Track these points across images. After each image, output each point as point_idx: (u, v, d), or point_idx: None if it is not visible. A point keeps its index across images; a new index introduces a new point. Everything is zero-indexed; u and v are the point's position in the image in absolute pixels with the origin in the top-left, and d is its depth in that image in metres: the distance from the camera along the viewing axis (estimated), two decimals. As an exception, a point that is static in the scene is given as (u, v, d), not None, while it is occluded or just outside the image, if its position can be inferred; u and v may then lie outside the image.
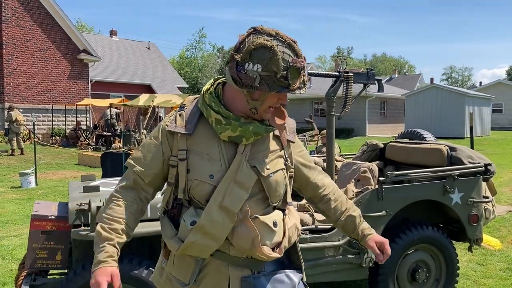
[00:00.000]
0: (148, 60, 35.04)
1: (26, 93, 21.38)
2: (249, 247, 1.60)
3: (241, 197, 1.60)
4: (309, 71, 4.55)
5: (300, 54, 1.56)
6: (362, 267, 3.50)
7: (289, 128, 1.77)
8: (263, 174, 1.63)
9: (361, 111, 27.95)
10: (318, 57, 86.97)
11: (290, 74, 1.52)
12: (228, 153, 1.64)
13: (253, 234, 1.60)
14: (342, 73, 4.20)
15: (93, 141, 19.45)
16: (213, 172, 1.62)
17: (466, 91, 29.24)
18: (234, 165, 1.62)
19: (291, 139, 1.77)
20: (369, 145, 5.07)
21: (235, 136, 1.62)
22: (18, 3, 20.98)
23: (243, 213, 1.60)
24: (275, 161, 1.69)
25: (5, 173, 12.45)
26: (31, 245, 3.09)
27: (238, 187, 1.60)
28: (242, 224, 1.60)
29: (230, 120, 1.61)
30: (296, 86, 1.54)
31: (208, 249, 1.61)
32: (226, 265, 1.64)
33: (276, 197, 1.68)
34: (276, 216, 1.68)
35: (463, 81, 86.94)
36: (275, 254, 1.65)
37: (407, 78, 59.90)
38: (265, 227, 1.63)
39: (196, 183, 1.61)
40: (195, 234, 1.59)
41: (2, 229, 6.66)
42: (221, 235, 1.59)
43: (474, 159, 4.01)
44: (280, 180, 1.69)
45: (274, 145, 1.72)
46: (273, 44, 1.51)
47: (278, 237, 1.67)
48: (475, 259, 5.12)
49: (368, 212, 3.48)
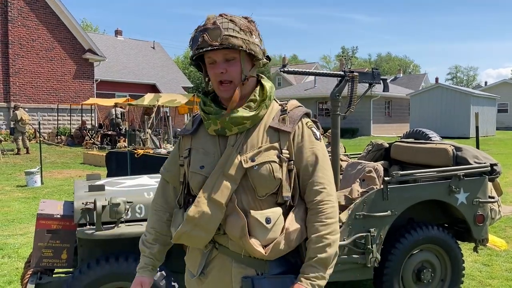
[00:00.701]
0: (153, 59, 35.09)
1: (32, 92, 21.48)
2: (240, 235, 1.59)
3: (228, 188, 1.61)
4: (315, 71, 4.55)
5: (206, 21, 1.63)
6: (367, 267, 3.49)
7: (290, 117, 1.69)
8: (244, 166, 1.61)
9: (365, 111, 27.87)
10: (323, 57, 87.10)
11: (193, 40, 1.65)
12: (222, 146, 1.69)
13: (242, 222, 1.59)
14: (347, 72, 4.19)
15: (98, 140, 19.51)
16: (204, 164, 1.68)
17: (472, 91, 29.12)
18: (224, 157, 1.65)
19: (286, 129, 1.66)
20: (374, 145, 5.06)
21: (219, 129, 1.68)
22: (24, 3, 21.08)
23: (232, 202, 1.62)
24: (266, 152, 1.63)
25: (11, 172, 12.51)
26: (37, 244, 3.10)
27: (226, 178, 1.62)
28: (233, 213, 1.62)
29: (209, 115, 1.68)
30: (195, 48, 1.62)
31: (200, 240, 1.64)
32: (230, 260, 1.65)
33: (262, 190, 1.62)
34: (272, 213, 1.62)
35: (468, 80, 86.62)
36: (260, 250, 1.58)
37: (412, 77, 59.72)
38: (256, 222, 1.59)
39: (191, 175, 1.71)
40: (186, 225, 1.64)
41: (8, 228, 6.70)
42: (210, 226, 1.61)
43: (480, 159, 3.99)
44: (266, 173, 1.61)
45: (269, 137, 1.66)
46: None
47: (273, 234, 1.60)
48: (480, 260, 5.10)
49: (373, 212, 3.48)
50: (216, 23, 1.60)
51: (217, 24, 1.60)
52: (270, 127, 1.68)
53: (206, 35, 1.59)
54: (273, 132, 1.68)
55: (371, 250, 3.46)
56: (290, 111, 1.73)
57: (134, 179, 3.84)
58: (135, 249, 3.18)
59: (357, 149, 15.79)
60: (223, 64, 1.62)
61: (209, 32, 1.59)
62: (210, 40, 1.58)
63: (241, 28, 1.61)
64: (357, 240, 3.44)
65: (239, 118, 1.64)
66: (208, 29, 1.60)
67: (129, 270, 2.94)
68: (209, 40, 1.58)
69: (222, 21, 1.61)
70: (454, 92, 26.75)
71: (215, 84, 1.67)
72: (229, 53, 1.62)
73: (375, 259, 3.48)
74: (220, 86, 1.65)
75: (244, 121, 1.65)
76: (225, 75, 1.62)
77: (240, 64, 1.64)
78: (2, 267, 4.96)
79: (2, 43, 20.47)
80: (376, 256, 3.48)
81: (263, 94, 1.71)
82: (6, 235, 6.26)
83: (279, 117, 1.70)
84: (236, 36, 1.59)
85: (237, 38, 1.59)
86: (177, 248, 3.21)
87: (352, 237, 3.42)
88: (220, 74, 1.62)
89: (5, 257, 5.30)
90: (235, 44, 1.59)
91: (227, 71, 1.62)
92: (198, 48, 1.61)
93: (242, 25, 1.62)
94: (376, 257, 3.48)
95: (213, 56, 1.63)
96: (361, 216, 3.44)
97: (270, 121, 1.69)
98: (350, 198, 3.73)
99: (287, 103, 1.77)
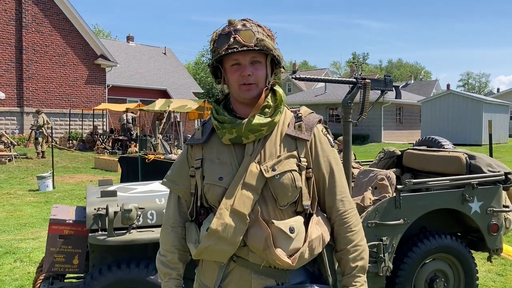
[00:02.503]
0: (164, 65, 35.32)
1: (45, 97, 21.71)
2: (263, 247, 1.56)
3: (250, 198, 1.58)
4: (326, 78, 4.54)
5: (234, 22, 1.60)
6: (379, 276, 3.46)
7: (306, 124, 1.68)
8: (265, 175, 1.59)
9: (376, 117, 27.75)
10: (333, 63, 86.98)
11: (218, 41, 1.61)
12: (238, 156, 1.65)
13: (265, 233, 1.56)
14: (359, 79, 4.18)
15: (109, 145, 19.64)
16: (223, 175, 1.63)
17: (483, 97, 28.83)
18: (242, 167, 1.61)
19: (304, 137, 1.65)
20: (386, 152, 5.03)
21: (234, 138, 1.63)
22: (38, 9, 21.36)
23: (254, 213, 1.58)
24: (286, 161, 1.61)
25: (23, 176, 12.63)
26: (49, 249, 3.11)
27: (247, 189, 1.58)
28: (255, 224, 1.58)
29: (223, 124, 1.64)
30: (224, 48, 1.57)
31: (223, 253, 1.60)
32: (249, 272, 1.62)
33: (284, 200, 1.60)
34: (294, 222, 1.61)
35: (480, 87, 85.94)
36: (287, 261, 1.57)
37: (423, 84, 59.41)
38: (280, 232, 1.58)
39: (207, 187, 1.65)
40: (209, 239, 1.58)
41: (20, 232, 6.75)
42: (234, 239, 1.57)
43: (494, 167, 3.94)
44: (288, 182, 1.59)
45: (286, 145, 1.65)
46: (218, 28, 1.64)
47: (297, 244, 1.60)
48: (494, 269, 5.03)
49: (386, 220, 3.45)
50: (246, 25, 1.59)
51: (248, 26, 1.59)
52: (287, 135, 1.66)
53: (238, 36, 1.56)
54: (291, 140, 1.66)
55: (383, 259, 3.42)
56: (305, 117, 1.71)
57: (145, 185, 3.85)
58: (147, 255, 3.20)
59: (368, 156, 15.70)
60: (250, 67, 1.60)
61: (240, 33, 1.57)
62: (243, 41, 1.56)
63: (268, 34, 1.62)
64: (369, 249, 3.40)
65: (256, 125, 1.61)
66: (240, 30, 1.57)
67: (140, 276, 2.95)
68: (243, 40, 1.56)
69: (251, 24, 1.60)
70: (466, 99, 26.52)
71: (236, 86, 1.62)
72: (257, 56, 1.61)
73: (387, 268, 3.45)
74: (242, 87, 1.61)
75: (261, 128, 1.62)
76: (251, 78, 1.60)
77: (266, 68, 1.64)
78: (14, 271, 4.99)
79: (16, 48, 20.75)
80: (388, 265, 3.45)
81: (276, 99, 1.69)
82: (18, 239, 6.31)
83: (294, 124, 1.68)
84: (266, 40, 1.59)
85: (268, 42, 1.59)
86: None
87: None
88: (247, 76, 1.59)
89: (17, 261, 5.33)
90: (269, 47, 1.59)
91: (253, 74, 1.60)
92: (229, 48, 1.56)
93: (267, 32, 1.63)
94: (388, 266, 3.45)
95: (240, 58, 1.59)
96: (373, 225, 3.41)
97: (286, 128, 1.67)
98: (362, 206, 3.70)
99: (299, 109, 1.75)
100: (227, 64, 1.63)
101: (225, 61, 1.63)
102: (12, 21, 20.60)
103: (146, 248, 3.23)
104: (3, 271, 4.99)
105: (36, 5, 21.26)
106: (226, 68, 1.64)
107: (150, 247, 3.20)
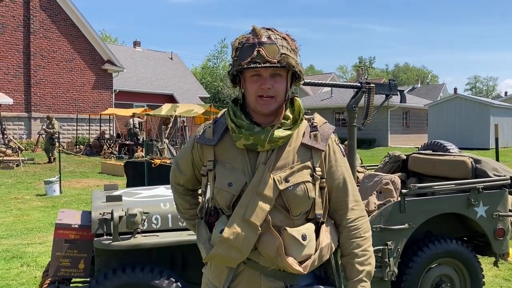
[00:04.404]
0: (170, 70, 35.47)
1: (52, 102, 21.87)
2: (274, 255, 1.58)
3: (263, 209, 1.58)
4: (332, 82, 4.54)
5: (260, 33, 1.58)
6: (384, 280, 3.45)
7: (321, 134, 1.68)
8: (279, 187, 1.60)
9: (383, 121, 27.68)
10: (339, 67, 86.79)
11: (241, 51, 1.59)
12: (252, 162, 1.65)
13: (277, 242, 1.57)
14: (364, 84, 4.18)
15: (116, 150, 19.73)
16: (232, 181, 1.63)
17: (491, 101, 28.68)
18: (257, 176, 1.61)
19: (320, 147, 1.66)
20: (392, 156, 5.02)
21: (250, 144, 1.63)
22: (46, 15, 21.57)
23: (266, 223, 1.59)
24: (299, 173, 1.62)
25: (30, 180, 12.72)
26: (55, 253, 3.13)
27: (261, 199, 1.58)
28: (267, 232, 1.59)
29: (241, 129, 1.63)
30: (246, 61, 1.56)
31: (234, 260, 1.61)
32: (259, 274, 1.63)
33: (297, 210, 1.62)
34: (306, 230, 1.63)
35: (488, 91, 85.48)
36: (298, 268, 1.59)
37: (430, 88, 59.17)
38: (292, 239, 1.59)
39: (217, 190, 1.66)
40: (220, 246, 1.60)
41: (27, 236, 6.80)
42: (245, 248, 1.58)
43: (500, 171, 3.93)
44: (301, 194, 1.61)
45: (301, 154, 1.65)
46: (242, 35, 1.63)
47: (308, 251, 1.61)
48: (501, 274, 4.99)
49: (390, 224, 3.44)
50: (271, 38, 1.58)
51: (273, 40, 1.57)
52: (302, 144, 1.67)
53: (262, 50, 1.55)
54: (306, 149, 1.66)
55: (388, 264, 3.42)
56: (320, 127, 1.71)
57: (150, 190, 3.87)
58: (151, 260, 3.22)
59: (374, 160, 15.65)
60: (270, 80, 1.60)
61: (265, 47, 1.55)
62: (267, 56, 1.54)
63: (292, 48, 1.62)
64: (374, 254, 3.39)
65: (276, 138, 1.61)
66: (264, 44, 1.56)
67: (145, 281, 2.96)
68: (266, 55, 1.54)
69: (276, 37, 1.59)
70: (473, 102, 26.38)
71: (253, 97, 1.62)
72: (279, 70, 1.60)
73: (392, 272, 3.44)
74: (260, 100, 1.61)
75: (279, 140, 1.62)
76: (270, 90, 1.60)
77: (286, 82, 1.64)
78: (21, 275, 5.02)
79: (24, 54, 20.95)
80: (393, 269, 3.44)
81: (294, 110, 1.69)
82: (25, 244, 6.35)
83: (310, 134, 1.68)
84: (290, 55, 1.59)
85: (291, 58, 1.59)
86: (193, 259, 3.24)
87: (369, 250, 3.37)
88: (267, 89, 1.59)
89: (24, 265, 5.37)
90: (292, 64, 1.58)
91: (273, 87, 1.60)
92: (251, 62, 1.55)
93: (292, 45, 1.63)
94: (393, 271, 3.44)
95: (261, 70, 1.59)
96: (378, 229, 3.41)
97: (301, 137, 1.68)
98: (367, 210, 3.70)
99: (313, 118, 1.75)
100: (247, 74, 1.63)
101: (245, 70, 1.62)
102: (20, 27, 20.81)
103: (151, 253, 3.24)
104: (10, 275, 5.02)
105: (43, 11, 21.47)
106: (246, 77, 1.64)
107: (154, 251, 3.22)
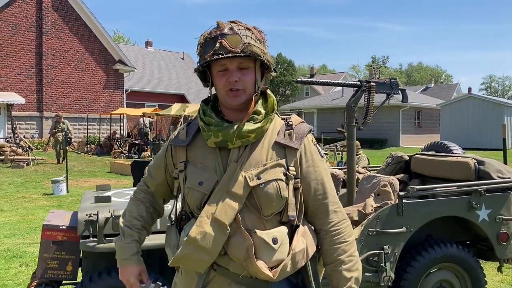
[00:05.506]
0: (182, 70, 35.59)
1: (63, 102, 22.07)
2: (244, 257, 1.50)
3: (233, 208, 1.51)
4: (330, 81, 4.44)
5: (222, 26, 1.54)
6: (381, 286, 3.34)
7: (296, 133, 1.62)
8: (250, 184, 1.52)
9: (395, 121, 27.39)
10: (352, 66, 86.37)
11: (204, 46, 1.55)
12: (223, 161, 1.59)
13: (247, 243, 1.49)
14: (364, 83, 4.08)
15: (126, 150, 19.81)
16: (204, 179, 1.58)
17: (505, 101, 28.18)
18: (227, 174, 1.55)
19: (294, 145, 1.59)
20: (394, 157, 4.90)
21: (220, 141, 1.57)
22: (58, 16, 21.76)
23: (236, 222, 1.52)
24: (272, 170, 1.55)
25: (39, 180, 12.80)
26: (42, 255, 3.09)
27: (231, 198, 1.52)
28: (237, 233, 1.52)
29: (209, 126, 1.58)
30: (209, 54, 1.52)
31: (201, 263, 1.53)
32: (230, 282, 1.56)
33: (268, 210, 1.54)
34: (278, 233, 1.54)
35: (504, 90, 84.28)
36: (268, 273, 1.50)
37: (444, 87, 58.47)
38: (262, 243, 1.51)
39: (187, 190, 1.61)
40: (187, 247, 1.52)
41: (30, 236, 6.80)
42: (213, 248, 1.51)
43: (504, 173, 3.79)
44: (273, 192, 1.53)
45: (274, 152, 1.59)
46: (206, 30, 1.58)
47: (280, 255, 1.53)
48: (507, 280, 4.84)
49: (387, 228, 3.33)
50: (233, 29, 1.53)
51: (235, 30, 1.52)
52: (276, 143, 1.60)
53: (224, 41, 1.50)
54: (279, 148, 1.60)
55: (384, 268, 3.30)
56: (295, 126, 1.65)
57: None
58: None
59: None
60: (237, 73, 1.55)
61: (227, 38, 1.51)
62: (229, 46, 1.50)
63: (257, 38, 1.56)
64: (369, 258, 3.29)
65: (245, 131, 1.55)
66: (226, 35, 1.51)
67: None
68: (229, 46, 1.50)
69: (239, 28, 1.54)
70: (486, 102, 25.95)
71: (223, 92, 1.57)
72: (244, 62, 1.55)
73: (388, 277, 3.33)
74: (229, 93, 1.56)
75: (249, 134, 1.56)
76: (238, 83, 1.54)
77: (255, 73, 1.59)
78: (19, 275, 5.01)
79: (36, 54, 21.16)
80: (390, 274, 3.33)
81: (267, 106, 1.63)
82: (27, 243, 6.35)
83: (284, 132, 1.62)
84: (255, 44, 1.53)
85: (256, 47, 1.53)
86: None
87: (365, 254, 3.27)
88: (234, 82, 1.54)
89: (23, 265, 5.35)
90: (256, 52, 1.52)
91: (240, 79, 1.55)
92: (214, 54, 1.51)
93: (257, 35, 1.57)
94: (390, 276, 3.33)
95: (227, 64, 1.54)
96: (374, 233, 3.30)
97: (275, 136, 1.61)
98: (363, 213, 3.59)
99: (290, 117, 1.69)
100: (214, 69, 1.58)
101: (212, 65, 1.58)
102: (32, 27, 21.03)
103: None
104: (8, 275, 5.01)
105: (55, 12, 21.66)
106: (214, 73, 1.59)
107: (143, 254, 3.14)
